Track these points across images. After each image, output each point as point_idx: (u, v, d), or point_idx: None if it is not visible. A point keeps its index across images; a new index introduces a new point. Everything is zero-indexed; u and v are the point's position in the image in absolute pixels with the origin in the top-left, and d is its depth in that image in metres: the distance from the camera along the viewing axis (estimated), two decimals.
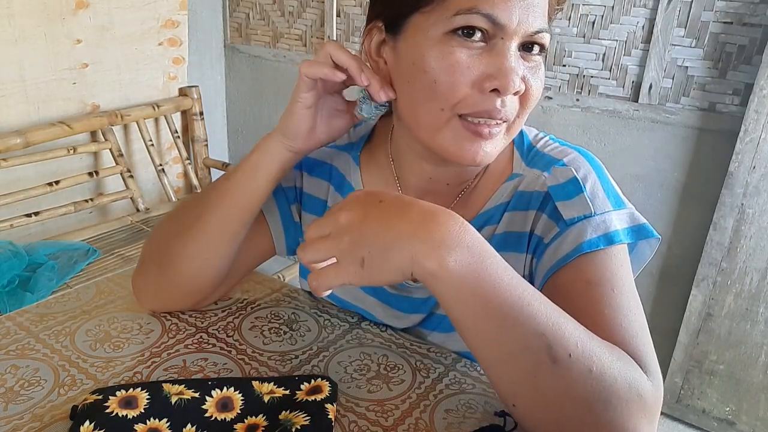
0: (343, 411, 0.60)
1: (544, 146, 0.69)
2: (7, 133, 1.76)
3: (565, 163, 0.65)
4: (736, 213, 1.58)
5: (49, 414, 0.57)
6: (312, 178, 0.77)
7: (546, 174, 0.65)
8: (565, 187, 0.63)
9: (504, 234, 0.67)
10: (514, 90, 0.55)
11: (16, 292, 1.59)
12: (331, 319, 0.76)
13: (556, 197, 0.63)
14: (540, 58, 0.59)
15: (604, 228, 0.60)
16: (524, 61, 0.58)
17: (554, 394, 0.47)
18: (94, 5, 1.96)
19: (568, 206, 0.62)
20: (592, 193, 0.62)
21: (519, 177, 0.67)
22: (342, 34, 2.20)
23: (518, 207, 0.66)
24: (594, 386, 0.46)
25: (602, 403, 0.46)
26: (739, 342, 1.68)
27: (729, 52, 1.56)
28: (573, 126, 1.83)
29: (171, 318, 0.74)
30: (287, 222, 0.78)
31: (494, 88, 0.55)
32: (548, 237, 0.63)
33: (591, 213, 0.61)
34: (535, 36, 0.57)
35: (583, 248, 0.59)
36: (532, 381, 0.47)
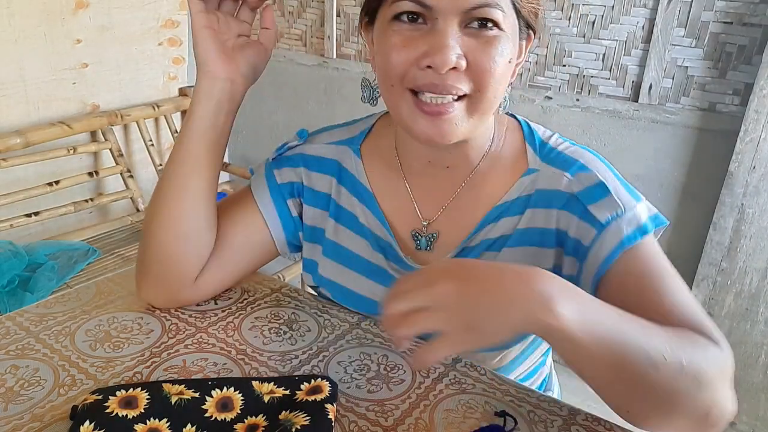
0: (343, 411, 0.60)
1: (556, 144, 0.71)
2: (7, 133, 1.76)
3: (586, 166, 0.68)
4: (736, 213, 1.58)
5: (49, 414, 0.57)
6: (315, 174, 0.78)
7: (568, 175, 0.68)
8: (593, 191, 0.66)
9: (527, 230, 0.69)
10: (447, 66, 0.58)
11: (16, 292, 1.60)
12: (331, 319, 0.76)
13: (587, 201, 0.66)
14: (495, 32, 0.60)
15: (636, 222, 0.64)
16: (472, 38, 0.59)
17: (661, 394, 0.51)
18: (94, 5, 1.96)
19: (600, 208, 0.65)
20: (617, 193, 0.66)
21: (536, 172, 0.70)
22: (342, 34, 2.20)
23: (539, 204, 0.69)
24: (688, 376, 0.50)
25: (697, 386, 0.51)
26: (739, 342, 1.68)
27: (729, 52, 1.56)
28: (573, 126, 1.83)
29: (171, 318, 0.74)
30: (284, 217, 0.79)
31: (428, 65, 0.59)
32: (587, 239, 0.66)
33: (622, 211, 0.65)
34: (475, 12, 0.58)
35: (624, 244, 0.63)
36: (642, 390, 0.51)
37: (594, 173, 0.67)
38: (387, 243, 0.75)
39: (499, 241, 0.70)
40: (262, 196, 0.78)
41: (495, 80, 0.60)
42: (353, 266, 0.78)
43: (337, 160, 0.78)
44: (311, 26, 2.27)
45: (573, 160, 0.69)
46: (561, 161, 0.69)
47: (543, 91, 1.85)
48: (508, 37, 0.61)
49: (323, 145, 0.79)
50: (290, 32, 2.34)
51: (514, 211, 0.70)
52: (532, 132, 0.73)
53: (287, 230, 0.79)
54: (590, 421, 0.61)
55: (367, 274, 0.77)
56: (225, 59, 0.68)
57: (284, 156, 0.79)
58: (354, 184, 0.77)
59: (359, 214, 0.76)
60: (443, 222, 0.73)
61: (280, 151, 0.80)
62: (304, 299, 0.81)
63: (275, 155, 0.80)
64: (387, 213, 0.75)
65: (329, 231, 0.79)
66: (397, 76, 0.61)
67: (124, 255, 1.89)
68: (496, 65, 0.60)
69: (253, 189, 0.79)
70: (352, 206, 0.77)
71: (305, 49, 2.31)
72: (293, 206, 0.79)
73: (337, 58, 2.23)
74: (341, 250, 0.78)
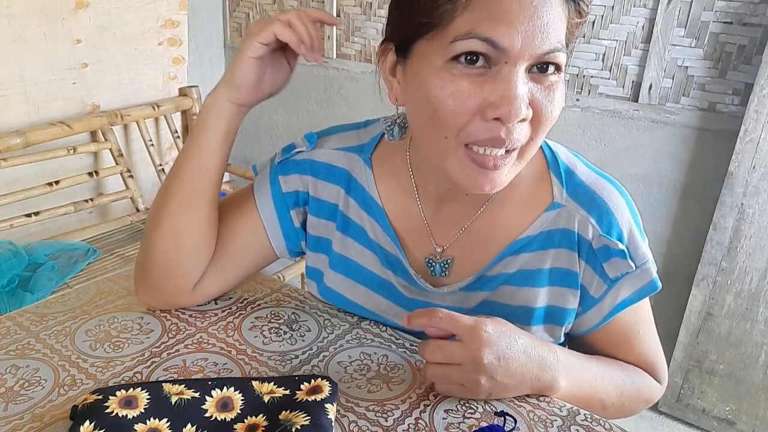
0: (343, 411, 0.60)
1: (583, 175, 0.69)
2: (7, 133, 1.76)
3: (611, 213, 0.66)
4: (736, 213, 1.58)
5: (49, 414, 0.57)
6: (322, 182, 0.75)
7: (593, 223, 0.66)
8: (612, 251, 0.66)
9: (553, 270, 0.69)
10: (519, 118, 0.53)
11: (16, 292, 1.59)
12: (331, 319, 0.76)
13: (603, 259, 0.67)
14: (557, 77, 0.56)
15: (643, 279, 0.68)
16: (536, 83, 0.55)
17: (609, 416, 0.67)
18: (94, 5, 1.96)
19: (613, 266, 0.67)
20: (634, 248, 0.67)
21: (561, 208, 0.67)
22: (342, 34, 2.20)
23: (563, 244, 0.68)
24: (625, 409, 0.71)
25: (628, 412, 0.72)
26: (739, 341, 1.68)
27: (729, 52, 1.56)
28: (573, 126, 1.83)
29: (171, 318, 0.74)
30: (286, 227, 0.77)
31: (496, 116, 0.54)
32: (597, 292, 0.69)
33: (632, 269, 0.67)
34: (546, 57, 0.54)
35: (626, 304, 0.69)
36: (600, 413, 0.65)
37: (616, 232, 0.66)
38: (396, 259, 0.73)
39: (518, 275, 0.69)
40: (265, 203, 0.76)
41: (551, 127, 0.58)
42: (361, 280, 0.76)
43: (347, 169, 0.75)
44: None
45: (601, 203, 0.66)
46: (587, 200, 0.67)
47: None
48: (563, 78, 0.57)
49: (332, 151, 0.75)
50: None
51: (535, 246, 0.68)
52: (556, 158, 0.69)
53: (288, 239, 0.78)
54: (589, 421, 0.61)
55: (376, 289, 0.75)
56: (257, 88, 0.68)
57: (292, 160, 0.76)
58: (363, 197, 0.74)
59: (368, 229, 0.74)
60: (458, 248, 0.71)
61: (287, 155, 0.76)
62: (304, 299, 0.81)
63: (282, 158, 0.76)
64: (397, 230, 0.73)
65: (336, 243, 0.76)
66: (455, 128, 0.56)
67: (124, 255, 1.89)
68: (558, 111, 0.57)
69: (256, 194, 0.76)
70: (361, 219, 0.74)
71: None
72: (296, 216, 0.77)
73: (337, 58, 2.23)
74: (349, 263, 0.76)
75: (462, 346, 0.58)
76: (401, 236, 0.73)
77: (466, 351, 0.58)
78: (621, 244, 0.66)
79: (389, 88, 0.64)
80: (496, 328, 0.59)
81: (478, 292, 0.71)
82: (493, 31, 0.52)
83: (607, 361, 0.71)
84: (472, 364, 0.58)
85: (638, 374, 0.73)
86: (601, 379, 0.68)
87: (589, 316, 0.71)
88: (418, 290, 0.73)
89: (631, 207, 0.69)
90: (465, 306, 0.71)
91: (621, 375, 0.71)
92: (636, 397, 0.71)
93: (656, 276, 0.69)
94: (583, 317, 0.71)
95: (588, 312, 0.70)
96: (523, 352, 0.60)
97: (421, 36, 0.56)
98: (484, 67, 0.54)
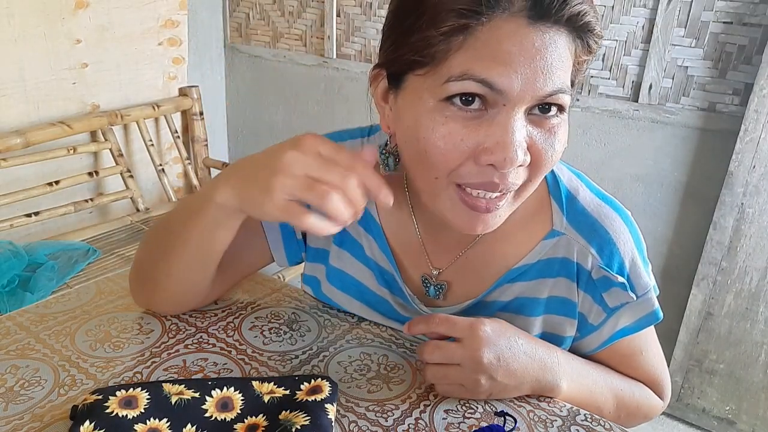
0: (343, 411, 0.60)
1: (584, 201, 0.66)
2: (7, 133, 1.76)
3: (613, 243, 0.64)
4: (736, 212, 1.58)
5: (49, 414, 0.57)
6: None
7: (593, 253, 0.64)
8: (614, 283, 0.65)
9: (551, 299, 0.68)
10: (515, 166, 0.50)
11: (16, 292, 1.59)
12: (331, 319, 0.76)
13: (602, 289, 0.66)
14: (559, 119, 0.52)
15: (644, 309, 0.67)
16: (535, 126, 0.52)
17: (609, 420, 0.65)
18: (94, 5, 1.96)
19: (613, 296, 0.66)
20: (636, 279, 0.66)
21: (561, 236, 0.65)
22: (342, 34, 2.20)
23: (562, 274, 0.66)
24: (622, 420, 0.70)
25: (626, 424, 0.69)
26: (739, 341, 1.68)
27: (729, 52, 1.56)
28: (573, 126, 1.81)
29: (171, 318, 0.74)
30: (288, 239, 0.76)
31: (490, 163, 0.50)
32: (596, 320, 0.68)
33: (633, 299, 0.66)
34: (548, 98, 0.50)
35: (625, 333, 0.68)
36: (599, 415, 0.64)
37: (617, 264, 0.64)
38: (392, 277, 0.72)
39: (515, 303, 0.68)
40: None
41: (550, 169, 0.55)
42: (356, 295, 0.75)
43: None
44: (311, 26, 2.27)
45: (603, 232, 0.64)
46: (588, 228, 0.64)
47: None
48: (566, 119, 0.54)
49: None
50: (290, 32, 2.34)
51: (533, 274, 0.67)
52: (558, 182, 0.66)
53: (289, 251, 0.77)
54: (589, 421, 0.61)
55: (371, 305, 0.75)
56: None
57: None
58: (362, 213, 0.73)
59: (365, 245, 0.73)
60: (454, 273, 0.70)
61: None
62: (304, 299, 0.81)
63: None
64: (394, 248, 0.71)
65: (333, 256, 0.75)
66: (445, 170, 0.53)
67: (124, 255, 1.89)
68: (557, 155, 0.53)
69: None
70: (359, 235, 0.73)
71: (305, 49, 2.31)
72: (298, 229, 0.75)
73: (337, 58, 2.23)
74: (345, 277, 0.75)
75: (461, 347, 0.58)
76: (398, 255, 0.72)
77: (465, 351, 0.58)
78: (621, 277, 0.64)
79: (381, 114, 0.60)
80: (495, 328, 0.59)
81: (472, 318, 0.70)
82: (490, 72, 0.48)
83: (610, 370, 0.71)
84: (472, 364, 0.58)
85: (639, 388, 0.72)
86: (600, 386, 0.68)
87: (587, 341, 0.70)
88: (412, 310, 0.72)
89: (634, 234, 0.66)
90: None
91: (621, 385, 0.70)
92: (634, 410, 0.70)
93: (658, 306, 0.68)
94: (581, 342, 0.71)
95: (586, 338, 0.70)
96: (524, 352, 0.60)
97: (413, 71, 0.53)
98: (480, 110, 0.50)
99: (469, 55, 0.49)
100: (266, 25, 2.39)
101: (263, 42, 2.42)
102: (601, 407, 0.67)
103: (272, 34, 2.38)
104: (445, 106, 0.51)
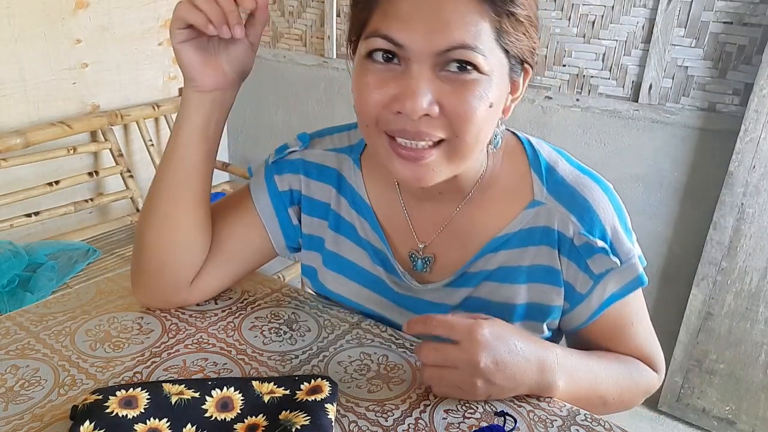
0: (343, 411, 0.60)
1: (564, 171, 0.69)
2: (7, 133, 1.76)
3: (593, 211, 0.66)
4: (736, 212, 1.58)
5: (49, 414, 0.57)
6: (314, 182, 0.77)
7: (574, 220, 0.66)
8: (594, 248, 0.66)
9: (534, 267, 0.69)
10: (418, 113, 0.55)
11: (16, 292, 1.60)
12: (331, 319, 0.76)
13: (586, 255, 0.67)
14: (474, 76, 0.56)
15: (630, 275, 0.68)
16: (445, 82, 0.56)
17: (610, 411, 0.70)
18: (94, 5, 1.96)
19: (597, 263, 0.67)
20: (618, 245, 0.67)
21: (541, 206, 0.68)
22: (342, 34, 2.20)
23: (543, 242, 0.68)
24: (625, 403, 0.72)
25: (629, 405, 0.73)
26: (739, 341, 1.68)
27: (729, 52, 1.56)
28: (573, 126, 1.83)
29: (171, 318, 0.74)
30: (285, 225, 0.79)
31: (398, 110, 0.56)
32: (583, 289, 0.69)
33: (617, 265, 0.67)
34: (450, 54, 0.55)
35: (614, 299, 0.69)
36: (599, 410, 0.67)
37: (598, 230, 0.66)
38: (385, 257, 0.75)
39: (499, 272, 0.70)
40: (262, 201, 0.77)
41: (474, 125, 0.57)
42: (353, 276, 0.77)
43: (337, 169, 0.77)
44: (311, 26, 2.27)
45: (582, 200, 0.67)
46: (568, 197, 0.67)
47: (543, 91, 1.85)
48: (491, 80, 0.57)
49: (324, 152, 0.78)
50: (290, 32, 2.34)
51: (514, 243, 0.69)
52: (537, 155, 0.69)
53: (287, 237, 0.79)
54: (589, 421, 0.61)
55: (368, 285, 0.77)
56: (210, 70, 0.65)
57: (285, 160, 0.78)
58: (353, 196, 0.76)
59: (358, 227, 0.76)
60: (439, 246, 0.73)
61: (281, 154, 0.78)
62: (304, 299, 0.81)
63: (275, 158, 0.78)
64: (385, 228, 0.75)
65: (329, 241, 0.78)
66: (371, 118, 0.59)
67: (124, 255, 1.89)
68: (473, 110, 0.57)
69: (253, 193, 0.78)
70: (352, 218, 0.76)
71: (305, 49, 2.31)
72: (294, 214, 0.79)
73: (337, 58, 2.23)
74: (341, 261, 0.78)
75: (459, 349, 0.58)
76: (388, 233, 0.75)
77: (462, 354, 0.58)
78: (603, 242, 0.66)
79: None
80: (494, 331, 0.59)
81: (461, 289, 0.72)
82: (391, 29, 0.55)
83: (605, 356, 0.71)
84: (469, 368, 0.58)
85: (635, 366, 0.73)
86: (600, 376, 0.68)
87: (578, 312, 0.71)
88: (405, 286, 0.74)
89: (615, 203, 0.68)
90: (449, 302, 0.73)
91: (619, 369, 0.71)
92: (635, 389, 0.72)
93: (642, 271, 0.69)
94: (572, 313, 0.71)
95: (576, 308, 0.71)
96: (522, 355, 0.60)
97: (358, 38, 0.61)
98: (396, 65, 0.57)
99: (380, 16, 0.56)
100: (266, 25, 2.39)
101: (263, 42, 2.42)
102: (603, 396, 0.68)
103: (272, 34, 2.38)
104: (367, 62, 0.58)
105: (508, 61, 0.58)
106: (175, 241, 0.71)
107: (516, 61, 0.60)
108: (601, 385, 0.68)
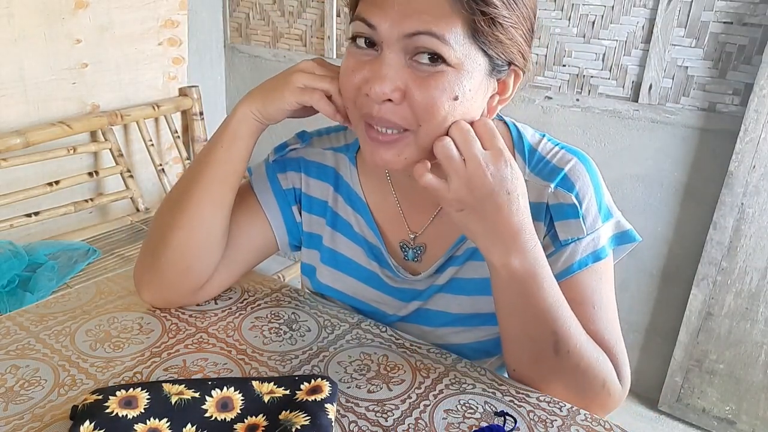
0: (343, 411, 0.60)
1: (544, 150, 0.71)
2: (7, 133, 1.76)
3: (569, 177, 0.68)
4: (736, 212, 1.58)
5: (49, 414, 0.57)
6: (313, 180, 0.79)
7: (551, 186, 0.68)
8: (564, 209, 0.67)
9: None
10: (381, 96, 0.57)
11: (16, 292, 1.59)
12: (331, 319, 0.76)
13: (556, 217, 0.67)
14: (440, 68, 0.57)
15: (593, 246, 0.67)
16: (413, 71, 0.57)
17: (547, 374, 0.65)
18: (94, 5, 1.96)
19: (564, 228, 0.67)
20: (587, 213, 0.67)
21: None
22: (342, 34, 2.20)
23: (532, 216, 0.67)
24: (577, 377, 0.64)
25: (578, 389, 0.65)
26: (739, 341, 1.68)
27: (729, 52, 1.56)
28: (573, 126, 1.83)
29: (171, 318, 0.74)
30: (289, 222, 0.80)
31: (366, 92, 0.59)
32: (546, 251, 0.66)
33: (583, 235, 0.67)
34: (415, 38, 0.56)
35: (573, 270, 0.67)
36: (535, 362, 0.64)
37: (571, 192, 0.67)
38: (379, 251, 0.76)
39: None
40: (268, 199, 0.78)
41: (436, 117, 0.58)
42: (350, 272, 0.79)
43: (334, 167, 0.79)
44: (311, 26, 2.27)
45: (559, 170, 0.68)
46: (548, 171, 0.69)
47: (543, 91, 1.85)
48: (460, 74, 0.57)
49: (322, 150, 0.80)
50: (290, 32, 2.34)
51: None
52: (522, 137, 0.72)
53: (291, 234, 0.81)
54: (589, 421, 0.61)
55: (364, 280, 0.78)
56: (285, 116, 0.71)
57: (286, 158, 0.80)
58: (349, 193, 0.78)
59: (354, 223, 0.78)
60: (429, 235, 0.75)
61: (281, 153, 0.80)
62: (304, 299, 0.81)
63: (276, 156, 0.80)
64: (379, 223, 0.77)
65: (326, 238, 0.80)
66: (349, 99, 0.62)
67: (124, 255, 1.89)
68: (434, 101, 0.57)
69: (257, 191, 0.79)
70: (347, 215, 0.78)
71: (305, 49, 2.31)
72: (296, 211, 0.80)
73: (337, 58, 2.23)
74: (338, 257, 0.79)
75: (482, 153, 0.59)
76: (381, 227, 0.77)
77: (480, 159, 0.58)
78: (574, 198, 0.66)
79: None
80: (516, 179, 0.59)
81: (447, 269, 0.73)
82: (368, 13, 0.58)
83: None
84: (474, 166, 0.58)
85: (603, 355, 0.66)
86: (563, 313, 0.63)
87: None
88: (400, 279, 0.76)
89: (594, 179, 0.69)
90: (437, 283, 0.74)
91: (586, 336, 0.65)
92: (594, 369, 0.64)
93: (604, 245, 0.68)
94: None
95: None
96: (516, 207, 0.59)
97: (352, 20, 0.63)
98: (374, 51, 0.59)
99: (365, 3, 0.59)
100: (266, 25, 2.39)
101: (263, 42, 2.42)
102: (557, 333, 0.62)
103: (272, 34, 2.38)
104: (351, 47, 0.61)
105: (487, 60, 0.59)
106: (204, 245, 0.72)
107: (501, 61, 0.60)
108: (558, 320, 0.62)
